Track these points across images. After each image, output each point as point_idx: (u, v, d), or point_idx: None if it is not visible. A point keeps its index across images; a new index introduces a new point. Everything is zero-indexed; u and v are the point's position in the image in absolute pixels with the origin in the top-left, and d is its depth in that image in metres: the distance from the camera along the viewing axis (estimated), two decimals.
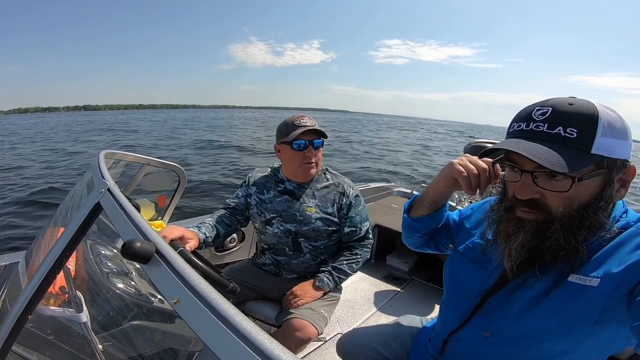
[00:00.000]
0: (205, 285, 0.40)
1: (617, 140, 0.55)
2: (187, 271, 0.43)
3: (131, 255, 0.46)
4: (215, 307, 0.37)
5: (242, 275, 1.41)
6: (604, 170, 0.55)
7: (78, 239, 0.69)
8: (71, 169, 9.27)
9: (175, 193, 2.04)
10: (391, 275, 2.30)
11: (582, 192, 0.56)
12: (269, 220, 1.32)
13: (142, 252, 0.46)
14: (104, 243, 1.07)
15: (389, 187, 3.28)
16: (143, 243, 0.47)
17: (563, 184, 0.56)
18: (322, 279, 1.27)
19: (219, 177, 8.11)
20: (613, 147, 0.54)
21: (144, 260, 0.47)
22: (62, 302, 0.75)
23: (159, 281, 0.44)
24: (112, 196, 0.66)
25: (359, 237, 1.34)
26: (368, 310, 1.87)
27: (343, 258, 1.32)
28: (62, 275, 0.70)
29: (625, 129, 0.56)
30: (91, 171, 0.96)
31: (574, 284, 0.59)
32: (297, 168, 1.28)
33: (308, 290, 1.26)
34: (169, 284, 0.43)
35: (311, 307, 1.23)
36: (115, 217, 0.61)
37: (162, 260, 0.46)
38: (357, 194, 1.34)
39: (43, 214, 5.23)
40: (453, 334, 0.78)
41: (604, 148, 0.53)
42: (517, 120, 0.60)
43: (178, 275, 0.43)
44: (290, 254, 1.35)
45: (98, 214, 0.69)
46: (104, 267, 0.91)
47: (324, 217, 1.28)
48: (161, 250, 0.47)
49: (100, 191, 0.69)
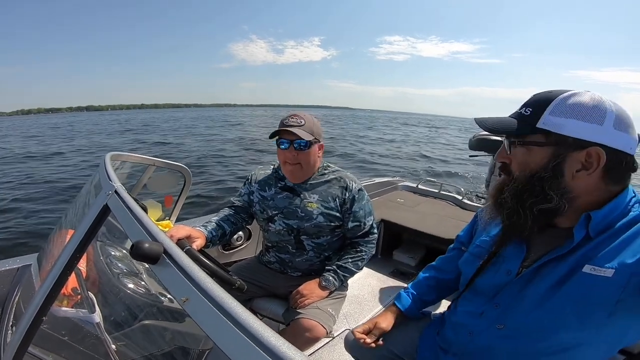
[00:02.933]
0: (213, 284, 0.41)
1: (572, 120, 0.60)
2: (195, 270, 0.44)
3: (140, 256, 0.47)
4: (223, 306, 0.38)
5: (249, 273, 1.42)
6: (553, 146, 0.62)
7: (88, 241, 0.70)
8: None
9: (182, 193, 2.06)
10: (398, 270, 2.30)
11: (532, 160, 0.65)
12: (271, 217, 1.33)
13: (151, 253, 0.47)
14: (114, 244, 1.09)
15: (394, 181, 3.27)
16: (151, 244, 0.48)
17: (515, 150, 0.67)
18: (328, 279, 1.28)
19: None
20: (563, 125, 0.61)
21: (152, 260, 0.48)
22: (74, 303, 0.77)
23: (168, 281, 0.45)
24: (119, 198, 0.67)
25: (363, 232, 1.33)
26: (375, 306, 1.88)
27: (348, 256, 1.32)
28: (74, 276, 0.71)
29: (592, 113, 0.59)
30: (98, 173, 0.97)
31: (588, 274, 0.59)
32: (282, 167, 1.29)
33: (314, 289, 1.26)
34: (177, 284, 0.43)
35: (318, 306, 1.23)
36: (123, 219, 0.62)
37: (169, 261, 0.47)
38: (360, 188, 1.32)
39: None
40: (466, 328, 0.78)
41: (551, 124, 0.62)
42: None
43: (186, 275, 0.44)
44: (294, 251, 1.35)
45: (106, 216, 0.70)
46: (114, 267, 0.92)
47: (325, 213, 1.27)
48: (169, 251, 0.48)
49: (108, 193, 0.70)
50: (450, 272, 0.99)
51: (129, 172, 1.75)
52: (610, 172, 0.61)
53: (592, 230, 0.61)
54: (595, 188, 0.62)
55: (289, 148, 1.21)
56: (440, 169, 11.14)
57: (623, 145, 0.60)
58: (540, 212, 0.64)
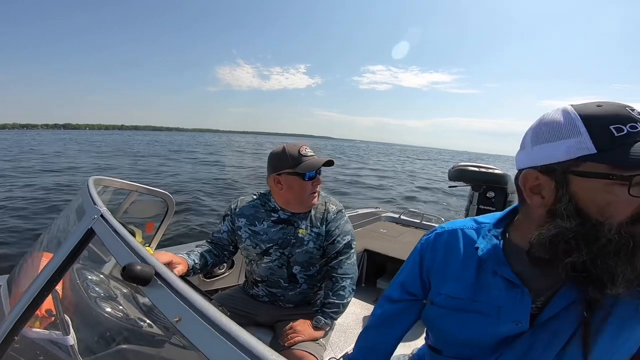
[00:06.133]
0: (206, 303, 0.42)
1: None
2: (187, 291, 0.45)
3: (132, 278, 0.48)
4: (218, 324, 0.39)
5: (234, 302, 1.38)
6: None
7: (69, 264, 0.69)
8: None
9: (163, 220, 2.02)
10: None
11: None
12: (266, 250, 1.29)
13: (143, 275, 0.48)
14: (90, 268, 1.05)
15: (377, 212, 3.33)
16: (143, 266, 0.50)
17: None
18: (320, 320, 1.23)
19: None
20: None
21: (143, 282, 0.49)
22: (47, 324, 0.73)
23: (160, 301, 0.46)
24: (106, 222, 0.67)
25: (337, 251, 1.29)
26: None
27: (328, 290, 1.28)
28: (50, 298, 0.69)
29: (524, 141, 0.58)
30: (81, 197, 0.96)
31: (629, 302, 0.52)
32: (305, 198, 1.27)
33: (307, 329, 1.21)
34: (170, 304, 0.44)
35: None
36: (110, 243, 0.62)
37: (161, 282, 0.48)
38: (339, 209, 1.34)
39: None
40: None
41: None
42: (618, 122, 0.46)
43: (178, 295, 0.45)
44: (286, 285, 1.31)
45: (90, 240, 0.69)
46: (91, 291, 0.89)
47: (315, 238, 1.27)
48: (160, 272, 0.49)
49: (93, 217, 0.70)
50: (397, 329, 0.85)
51: (110, 197, 1.72)
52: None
53: None
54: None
55: (316, 177, 1.25)
56: (422, 198, 11.37)
57: (545, 157, 0.52)
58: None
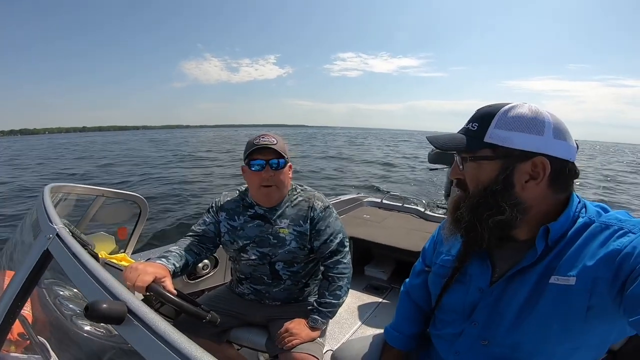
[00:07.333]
0: (191, 345, 0.38)
1: (515, 132, 0.62)
2: (168, 330, 0.39)
3: (99, 318, 0.42)
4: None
5: (222, 303, 1.31)
6: (501, 159, 0.64)
7: (30, 287, 0.60)
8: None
9: (137, 224, 1.90)
10: (371, 285, 2.29)
11: (483, 174, 0.66)
12: (243, 247, 1.24)
13: (112, 314, 0.42)
14: (62, 283, 0.95)
15: (359, 197, 3.32)
16: (111, 303, 0.43)
17: (467, 165, 0.68)
18: (316, 319, 1.20)
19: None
20: (508, 138, 0.63)
21: (116, 321, 0.42)
22: (24, 347, 0.65)
23: (137, 342, 0.41)
24: (62, 243, 0.59)
25: (330, 251, 1.25)
26: (354, 324, 1.84)
27: (324, 290, 1.24)
28: (18, 323, 0.60)
29: (532, 125, 0.62)
30: (35, 210, 0.84)
31: (555, 285, 0.60)
32: (256, 191, 1.21)
33: (303, 329, 1.17)
34: (148, 345, 0.39)
35: None
36: (70, 270, 0.54)
37: (136, 321, 0.42)
38: (327, 206, 1.28)
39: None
40: (451, 348, 0.77)
41: (497, 138, 0.63)
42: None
43: (157, 336, 0.39)
44: (270, 282, 1.27)
45: (49, 261, 0.61)
46: (65, 309, 0.80)
47: (298, 237, 1.22)
48: (134, 310, 0.43)
49: (48, 237, 0.61)
50: (427, 303, 0.94)
51: (74, 204, 1.57)
52: (556, 180, 0.63)
53: (550, 240, 0.63)
54: (544, 197, 0.64)
55: (264, 169, 1.16)
56: (402, 181, 11.56)
57: (563, 153, 0.62)
58: (495, 225, 0.65)
